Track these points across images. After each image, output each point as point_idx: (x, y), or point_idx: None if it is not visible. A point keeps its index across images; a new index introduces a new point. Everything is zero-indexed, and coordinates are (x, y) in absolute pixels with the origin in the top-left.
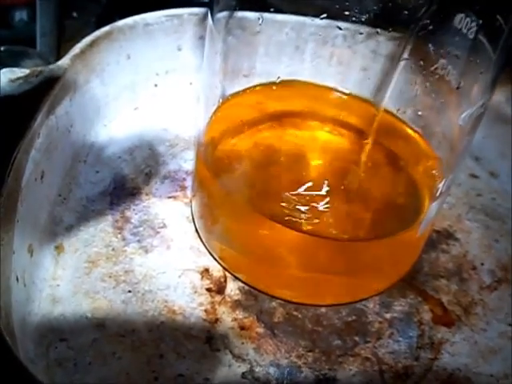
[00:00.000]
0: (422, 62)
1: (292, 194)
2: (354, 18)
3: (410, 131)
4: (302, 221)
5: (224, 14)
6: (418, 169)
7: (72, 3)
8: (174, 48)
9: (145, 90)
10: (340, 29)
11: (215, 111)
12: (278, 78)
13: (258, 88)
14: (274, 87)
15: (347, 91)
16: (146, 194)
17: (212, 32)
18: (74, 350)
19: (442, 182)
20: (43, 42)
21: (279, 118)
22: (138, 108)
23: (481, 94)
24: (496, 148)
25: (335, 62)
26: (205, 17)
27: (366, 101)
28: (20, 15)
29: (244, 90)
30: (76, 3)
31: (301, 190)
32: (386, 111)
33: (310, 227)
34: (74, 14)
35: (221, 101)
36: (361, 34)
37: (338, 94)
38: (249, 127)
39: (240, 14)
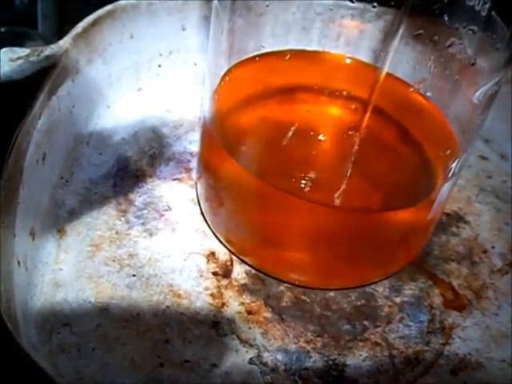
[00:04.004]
0: (436, 38)
1: (305, 168)
2: None
3: (426, 107)
4: (313, 193)
5: None
6: (432, 147)
7: None
8: (177, 28)
9: (148, 70)
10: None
11: (221, 85)
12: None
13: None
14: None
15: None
16: (150, 177)
17: (218, 12)
18: (78, 335)
19: (455, 162)
20: (45, 24)
21: (289, 92)
22: (142, 89)
23: (496, 70)
24: (506, 130)
25: (343, 43)
26: None
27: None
28: None
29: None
30: None
31: (313, 164)
32: (402, 86)
33: (321, 199)
34: None
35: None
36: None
37: (349, 63)
38: (257, 101)
39: None
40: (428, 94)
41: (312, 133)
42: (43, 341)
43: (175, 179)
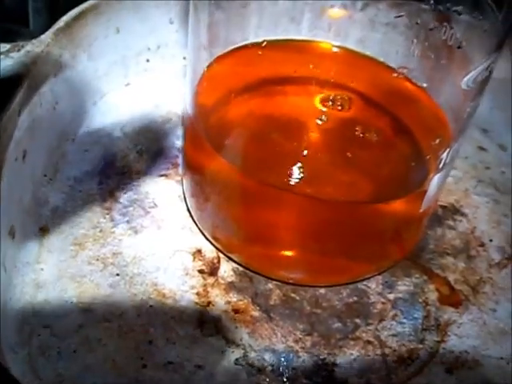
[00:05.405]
0: (420, 20)
1: (291, 160)
2: None
3: (416, 94)
4: (302, 186)
5: None
6: (423, 136)
7: None
8: (165, 21)
9: (136, 65)
10: None
11: (203, 78)
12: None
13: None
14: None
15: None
16: (137, 173)
17: (196, 4)
18: (58, 336)
19: (446, 152)
20: (36, 21)
21: (273, 83)
22: (130, 84)
23: (485, 54)
24: (505, 120)
25: (333, 34)
26: None
27: (367, 61)
28: None
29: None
30: None
31: (300, 157)
32: (391, 74)
33: (309, 191)
34: None
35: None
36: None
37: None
38: (240, 94)
39: None
40: (417, 80)
41: (298, 124)
42: (22, 343)
43: (162, 175)
